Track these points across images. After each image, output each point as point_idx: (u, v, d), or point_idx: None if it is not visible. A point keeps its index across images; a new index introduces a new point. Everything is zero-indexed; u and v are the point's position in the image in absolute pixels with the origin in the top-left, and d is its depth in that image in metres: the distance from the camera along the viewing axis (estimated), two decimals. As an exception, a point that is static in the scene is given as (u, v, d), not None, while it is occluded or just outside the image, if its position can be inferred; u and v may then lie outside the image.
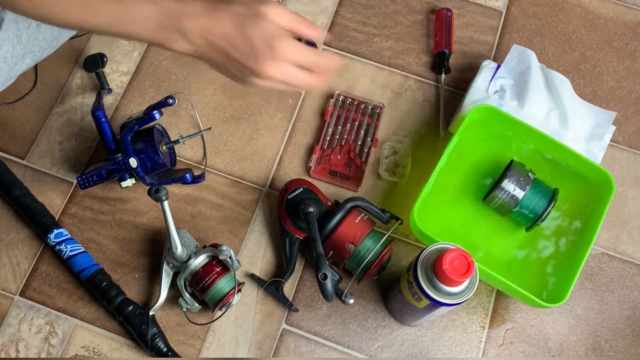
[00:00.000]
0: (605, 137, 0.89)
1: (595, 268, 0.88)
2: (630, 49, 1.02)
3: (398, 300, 0.77)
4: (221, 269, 0.78)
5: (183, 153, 0.91)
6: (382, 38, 1.00)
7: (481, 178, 0.88)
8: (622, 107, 0.98)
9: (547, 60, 1.00)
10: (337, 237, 0.78)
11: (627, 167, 0.94)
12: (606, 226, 0.90)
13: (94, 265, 0.82)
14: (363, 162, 0.90)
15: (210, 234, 0.86)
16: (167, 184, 0.83)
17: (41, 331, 0.81)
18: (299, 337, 0.82)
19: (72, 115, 0.92)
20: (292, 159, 0.91)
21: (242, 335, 0.82)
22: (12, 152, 0.90)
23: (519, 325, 0.84)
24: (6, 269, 0.84)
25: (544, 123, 0.88)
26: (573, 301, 0.86)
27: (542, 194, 0.81)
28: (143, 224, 0.87)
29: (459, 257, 0.64)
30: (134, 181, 0.85)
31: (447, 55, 0.97)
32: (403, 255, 0.87)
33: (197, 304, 0.79)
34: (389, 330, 0.83)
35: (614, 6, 1.06)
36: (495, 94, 0.90)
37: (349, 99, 0.94)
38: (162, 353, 0.78)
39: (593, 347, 0.84)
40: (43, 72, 0.94)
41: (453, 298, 0.67)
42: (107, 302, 0.80)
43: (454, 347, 0.83)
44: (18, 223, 0.86)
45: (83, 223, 0.86)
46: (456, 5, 1.03)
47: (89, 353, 0.80)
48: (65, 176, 0.89)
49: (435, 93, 0.97)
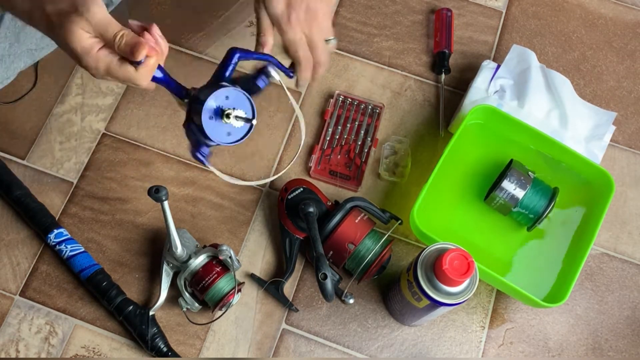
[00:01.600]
0: (605, 137, 0.89)
1: (595, 268, 0.88)
2: (630, 49, 1.02)
3: (398, 300, 0.77)
4: (221, 269, 0.78)
5: (183, 153, 0.90)
6: (382, 38, 1.00)
7: (481, 178, 0.88)
8: (622, 107, 0.98)
9: (547, 60, 1.00)
10: (337, 237, 0.78)
11: (627, 167, 0.94)
12: (606, 226, 0.90)
13: (94, 265, 0.82)
14: (363, 162, 0.90)
15: (210, 234, 0.86)
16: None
17: (41, 331, 0.81)
18: (299, 337, 0.82)
19: (72, 115, 0.92)
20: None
21: (242, 335, 0.82)
22: (12, 152, 0.90)
23: (518, 325, 0.84)
24: (6, 269, 0.84)
25: (544, 123, 0.88)
26: (573, 301, 0.86)
27: (543, 193, 0.81)
28: (143, 224, 0.87)
29: (459, 257, 0.64)
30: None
31: (447, 55, 0.97)
32: (403, 255, 0.87)
33: (197, 304, 0.79)
34: (389, 330, 0.83)
35: (614, 6, 1.06)
36: (495, 94, 0.90)
37: (349, 99, 0.94)
38: (162, 353, 0.78)
39: (593, 347, 0.84)
40: (43, 72, 0.94)
41: (453, 298, 0.67)
42: (107, 302, 0.80)
43: (454, 347, 0.83)
44: (18, 223, 0.86)
45: (83, 223, 0.86)
46: (456, 5, 1.03)
47: (89, 353, 0.80)
48: (65, 176, 0.89)
49: (435, 93, 0.97)
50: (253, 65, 0.71)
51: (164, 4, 1.00)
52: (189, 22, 0.99)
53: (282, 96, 0.95)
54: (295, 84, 0.76)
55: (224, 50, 0.68)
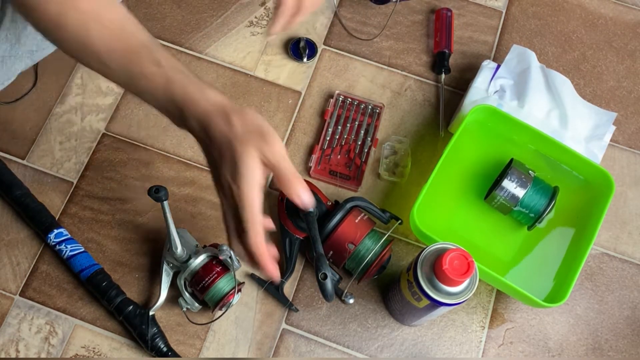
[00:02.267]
0: (605, 137, 0.89)
1: (595, 268, 0.88)
2: (630, 49, 1.02)
3: (398, 300, 0.77)
4: (221, 269, 0.78)
5: (183, 153, 0.91)
6: (382, 38, 1.00)
7: (481, 178, 0.88)
8: (622, 107, 0.98)
9: (547, 60, 1.00)
10: (337, 237, 0.78)
11: (627, 167, 0.94)
12: (606, 226, 0.90)
13: (94, 265, 0.82)
14: (363, 162, 0.90)
15: (210, 234, 0.86)
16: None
17: (41, 331, 0.81)
18: (299, 337, 0.82)
19: (72, 115, 0.92)
20: (292, 159, 0.91)
21: (242, 335, 0.82)
22: (12, 152, 0.90)
23: (518, 325, 0.84)
24: (6, 269, 0.84)
25: (544, 123, 0.88)
26: (573, 301, 0.86)
27: (543, 192, 0.81)
28: (143, 224, 0.87)
29: (459, 257, 0.64)
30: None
31: (447, 55, 0.97)
32: (403, 255, 0.87)
33: (197, 304, 0.79)
34: (389, 330, 0.83)
35: (614, 6, 1.06)
36: (495, 94, 0.90)
37: (349, 98, 0.94)
38: (162, 353, 0.78)
39: (593, 347, 0.84)
40: (43, 72, 0.94)
41: (453, 298, 0.67)
42: (107, 302, 0.80)
43: (454, 347, 0.83)
44: (18, 223, 0.86)
45: (83, 223, 0.86)
46: (456, 5, 1.03)
47: (89, 353, 0.80)
48: (65, 176, 0.89)
49: (435, 93, 0.97)
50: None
51: (163, 4, 1.00)
52: (189, 22, 0.99)
53: (283, 96, 0.95)
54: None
55: (224, 50, 0.68)
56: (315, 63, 0.98)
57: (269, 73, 0.96)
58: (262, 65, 0.97)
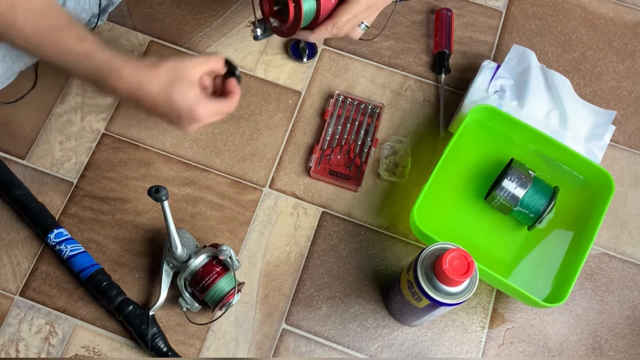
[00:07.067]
0: (605, 137, 0.89)
1: (595, 268, 0.88)
2: (630, 49, 1.02)
3: (398, 300, 0.77)
4: (221, 269, 0.78)
5: (183, 153, 0.91)
6: (382, 38, 1.00)
7: (481, 178, 0.88)
8: (622, 107, 0.98)
9: (547, 60, 1.00)
10: None
11: (627, 167, 0.94)
12: (606, 226, 0.90)
13: (94, 265, 0.82)
14: (363, 162, 0.90)
15: (210, 234, 0.86)
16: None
17: (41, 331, 0.81)
18: (299, 337, 0.82)
19: (72, 115, 0.92)
20: (292, 159, 0.91)
21: (242, 335, 0.82)
22: (12, 152, 0.90)
23: (518, 325, 0.84)
24: (6, 269, 0.84)
25: (544, 123, 0.88)
26: (573, 301, 0.86)
27: (543, 192, 0.81)
28: (143, 224, 0.87)
29: (459, 257, 0.64)
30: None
31: (447, 55, 0.97)
32: (403, 255, 0.87)
33: (197, 304, 0.79)
34: (389, 330, 0.83)
35: (614, 6, 1.06)
36: (495, 94, 0.90)
37: (349, 98, 0.94)
38: (162, 353, 0.78)
39: (593, 347, 0.84)
40: (43, 72, 0.94)
41: (453, 298, 0.67)
42: (107, 302, 0.80)
43: (454, 347, 0.83)
44: (18, 223, 0.86)
45: (83, 223, 0.86)
46: (456, 5, 1.03)
47: (89, 353, 0.80)
48: (65, 176, 0.89)
49: (435, 93, 0.97)
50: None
51: (163, 4, 1.00)
52: (189, 22, 0.99)
53: (282, 96, 0.95)
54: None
55: (224, 50, 0.69)
56: (315, 63, 0.98)
57: (269, 73, 0.96)
58: (262, 65, 0.97)
